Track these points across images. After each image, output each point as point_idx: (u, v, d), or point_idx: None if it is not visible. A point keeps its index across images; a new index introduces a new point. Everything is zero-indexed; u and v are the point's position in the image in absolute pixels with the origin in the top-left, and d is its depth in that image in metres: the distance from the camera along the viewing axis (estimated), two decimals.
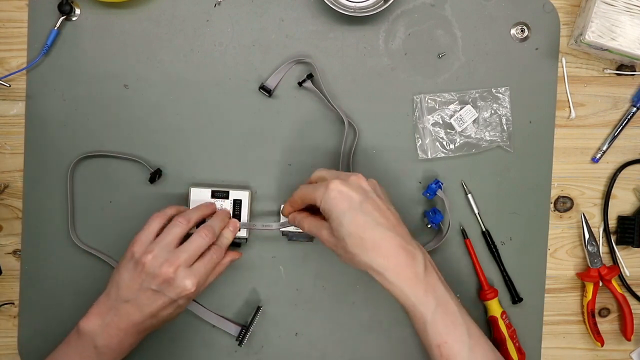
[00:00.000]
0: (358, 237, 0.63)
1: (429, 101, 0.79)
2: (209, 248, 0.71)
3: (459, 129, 0.79)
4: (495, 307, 0.79)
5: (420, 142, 0.80)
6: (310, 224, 0.70)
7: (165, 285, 0.67)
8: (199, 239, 0.70)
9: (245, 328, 0.78)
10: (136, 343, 0.71)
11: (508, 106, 0.80)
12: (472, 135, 0.80)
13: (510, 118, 0.80)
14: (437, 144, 0.80)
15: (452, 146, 0.80)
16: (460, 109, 0.79)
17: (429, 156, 0.80)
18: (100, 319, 0.68)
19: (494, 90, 0.80)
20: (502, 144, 0.80)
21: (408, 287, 0.63)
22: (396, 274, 0.63)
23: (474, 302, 0.81)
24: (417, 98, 0.79)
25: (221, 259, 0.72)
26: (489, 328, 0.81)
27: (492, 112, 0.80)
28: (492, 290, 0.79)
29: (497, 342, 0.79)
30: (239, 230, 0.76)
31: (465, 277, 0.81)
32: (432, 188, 0.78)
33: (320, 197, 0.65)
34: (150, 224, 0.71)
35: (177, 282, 0.67)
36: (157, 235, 0.70)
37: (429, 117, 0.79)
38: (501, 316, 0.79)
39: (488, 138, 0.80)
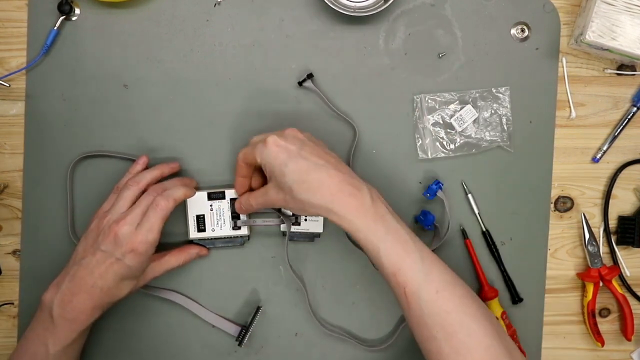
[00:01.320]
0: (302, 182, 0.64)
1: (429, 101, 0.79)
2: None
3: (459, 129, 0.79)
4: (495, 307, 0.79)
5: (420, 142, 0.80)
6: (256, 197, 0.71)
7: (113, 244, 0.68)
8: (148, 197, 0.71)
9: (245, 328, 0.78)
10: (91, 316, 0.69)
11: (508, 106, 0.79)
12: (472, 135, 0.79)
13: (510, 118, 0.80)
14: (437, 143, 0.79)
15: (452, 146, 0.79)
16: (461, 108, 0.79)
17: (429, 156, 0.80)
18: (57, 287, 0.70)
19: (494, 90, 0.79)
20: (502, 144, 0.80)
21: (357, 217, 0.64)
22: (344, 207, 0.64)
23: None
24: (417, 98, 0.79)
25: (168, 207, 0.70)
26: None
27: (492, 112, 0.79)
28: (492, 291, 0.79)
29: None
30: (194, 194, 0.74)
31: (466, 278, 0.80)
32: (432, 189, 0.78)
33: (259, 154, 0.67)
34: (109, 197, 0.75)
35: (121, 238, 0.68)
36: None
37: (429, 117, 0.79)
38: (501, 316, 0.79)
39: (488, 138, 0.79)
